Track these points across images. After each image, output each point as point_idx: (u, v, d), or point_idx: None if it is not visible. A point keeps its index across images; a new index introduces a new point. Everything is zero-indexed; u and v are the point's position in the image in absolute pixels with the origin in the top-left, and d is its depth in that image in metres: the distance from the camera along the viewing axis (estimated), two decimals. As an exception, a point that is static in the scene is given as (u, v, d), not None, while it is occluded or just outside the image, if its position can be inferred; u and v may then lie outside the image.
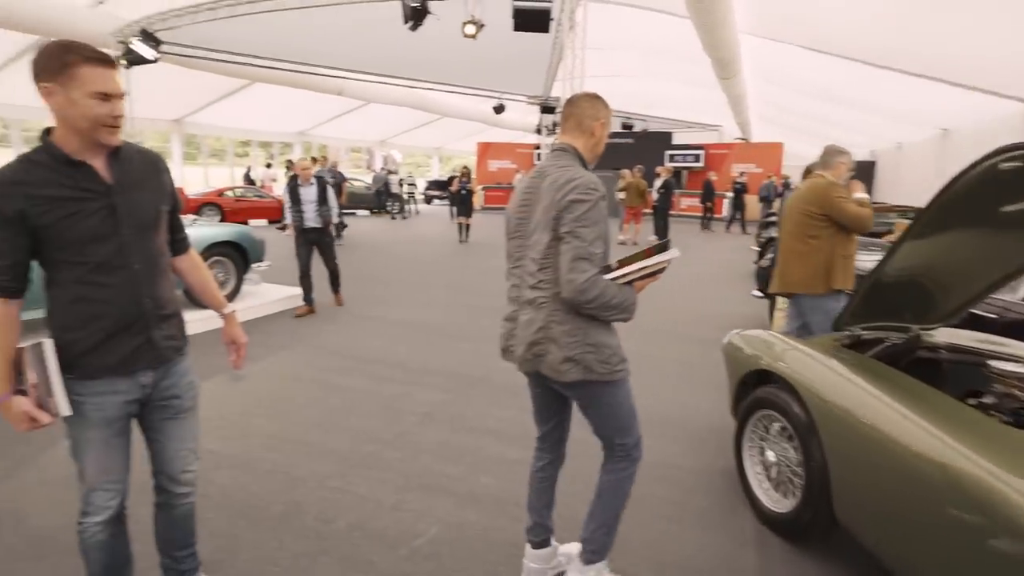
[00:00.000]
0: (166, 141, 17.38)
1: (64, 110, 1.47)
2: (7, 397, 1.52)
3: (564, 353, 1.86)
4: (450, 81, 14.32)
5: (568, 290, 1.78)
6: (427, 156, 32.73)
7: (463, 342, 5.40)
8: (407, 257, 10.68)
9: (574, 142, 1.98)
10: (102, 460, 1.68)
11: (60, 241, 1.51)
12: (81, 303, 1.57)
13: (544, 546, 2.23)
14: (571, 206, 1.79)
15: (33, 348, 1.53)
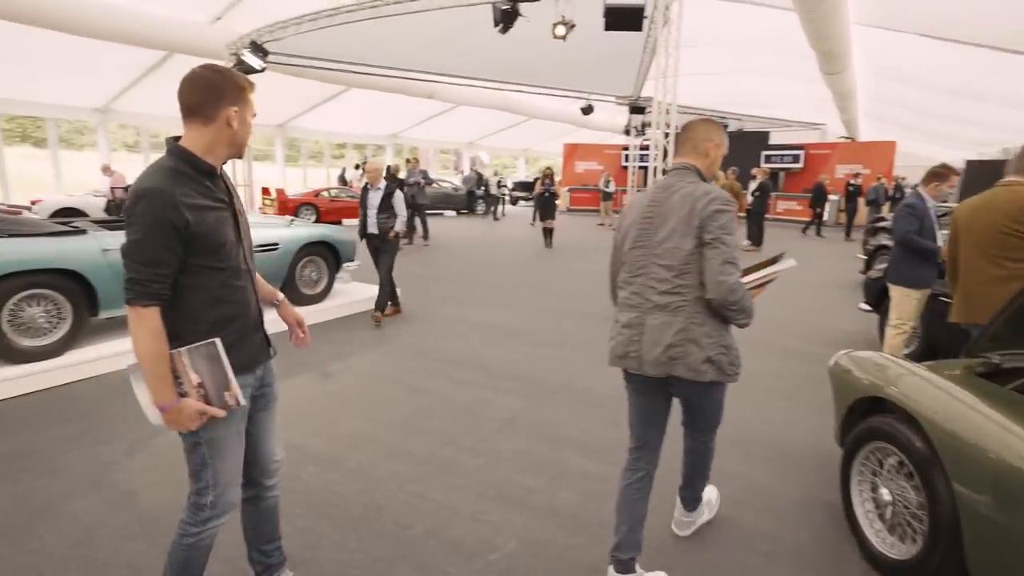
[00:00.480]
0: (270, 144, 18.56)
1: (237, 130, 1.64)
2: (178, 400, 1.58)
3: (705, 354, 2.00)
4: (538, 83, 14.28)
5: (720, 291, 1.94)
6: (514, 157, 32.96)
7: (545, 347, 5.33)
8: (491, 259, 10.75)
9: (694, 162, 2.17)
10: (238, 455, 1.78)
11: (207, 248, 1.60)
12: (221, 306, 1.66)
13: (630, 571, 2.18)
14: (715, 215, 1.98)
15: (197, 349, 1.60)
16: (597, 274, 9.23)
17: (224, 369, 1.62)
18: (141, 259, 1.50)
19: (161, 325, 1.55)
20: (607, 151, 22.78)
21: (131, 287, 1.51)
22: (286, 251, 5.82)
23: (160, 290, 1.54)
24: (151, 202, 1.50)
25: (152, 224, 1.50)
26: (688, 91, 15.68)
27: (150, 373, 1.54)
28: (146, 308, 1.52)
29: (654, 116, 6.91)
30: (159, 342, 1.54)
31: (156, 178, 1.53)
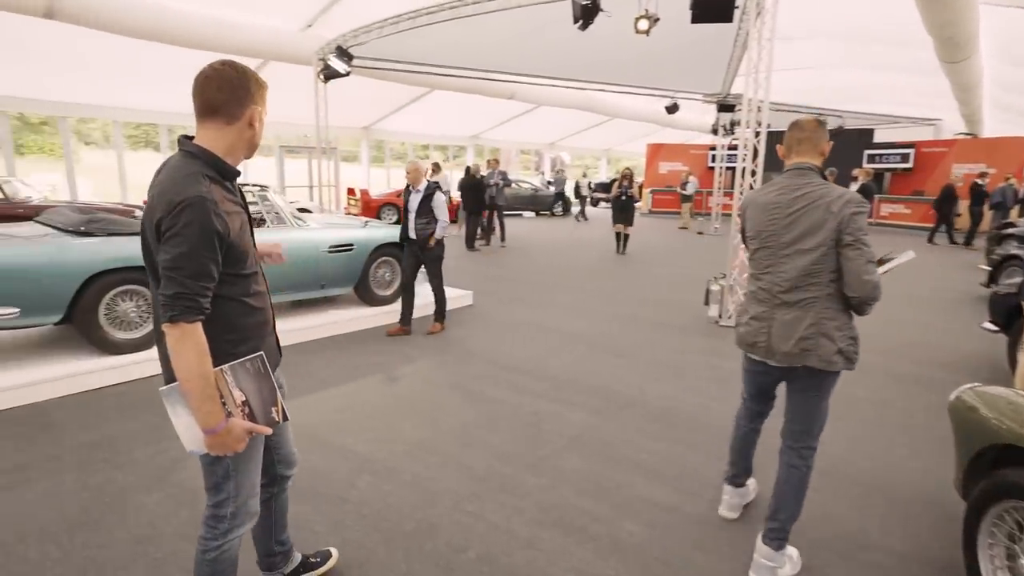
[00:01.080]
0: (356, 146, 19.22)
1: (258, 131, 1.59)
2: (227, 420, 1.49)
3: (837, 346, 2.14)
4: (621, 81, 13.89)
5: (865, 289, 2.06)
6: (595, 158, 32.47)
7: (616, 357, 5.06)
8: (567, 261, 10.53)
9: (812, 160, 2.25)
10: (260, 464, 1.74)
11: (236, 255, 1.53)
12: (251, 313, 1.62)
13: (742, 485, 2.70)
14: (853, 218, 2.08)
15: (243, 365, 1.53)
16: (676, 280, 8.84)
17: (272, 384, 1.57)
18: (189, 272, 1.40)
19: (205, 341, 1.44)
20: (693, 151, 21.91)
21: (176, 303, 1.40)
22: (361, 252, 5.88)
23: (206, 304, 1.45)
24: (196, 211, 1.40)
25: (199, 234, 1.41)
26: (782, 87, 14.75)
27: (198, 395, 1.44)
28: (191, 324, 1.42)
29: (744, 114, 6.43)
30: (207, 360, 1.44)
31: (194, 185, 1.43)
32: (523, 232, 15.15)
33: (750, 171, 6.34)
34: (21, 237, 4.20)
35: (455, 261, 10.17)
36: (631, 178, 11.10)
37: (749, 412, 2.65)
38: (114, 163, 14.39)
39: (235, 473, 1.65)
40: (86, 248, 4.21)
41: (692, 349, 5.36)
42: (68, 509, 2.67)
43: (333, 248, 5.65)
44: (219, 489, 1.66)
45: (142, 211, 1.72)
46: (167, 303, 1.40)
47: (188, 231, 1.39)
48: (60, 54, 10.56)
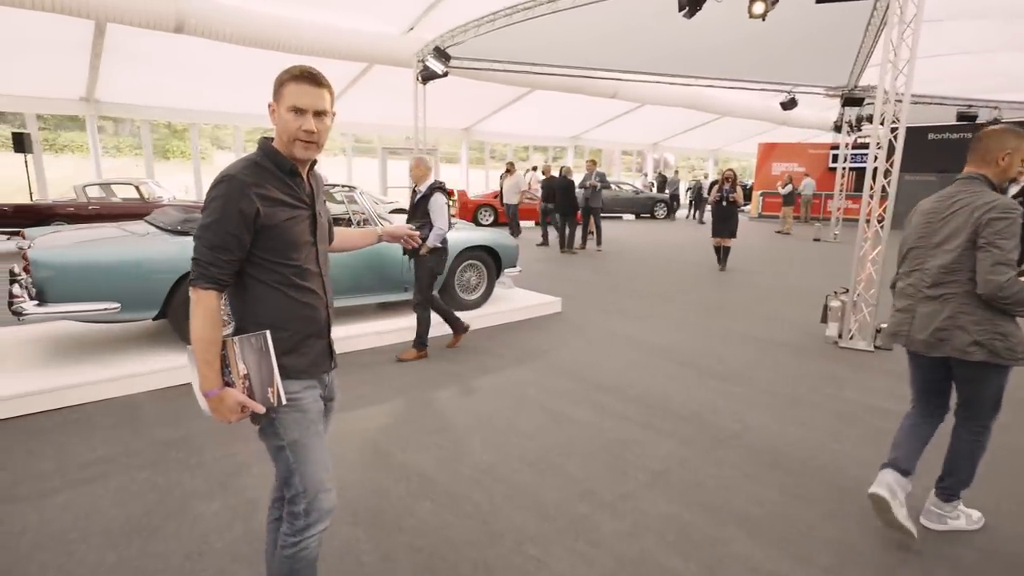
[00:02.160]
0: (456, 147, 19.48)
1: (277, 126, 1.60)
2: (221, 389, 1.54)
3: (972, 338, 2.31)
4: (730, 76, 12.94)
5: (989, 288, 2.23)
6: (702, 159, 30.98)
7: (717, 379, 4.52)
8: (665, 268, 9.90)
9: (981, 170, 2.41)
10: (324, 456, 1.71)
11: (277, 242, 1.58)
12: (287, 304, 1.62)
13: (906, 475, 2.53)
14: (991, 223, 2.25)
15: (248, 339, 1.56)
16: (788, 293, 7.98)
17: (271, 364, 1.57)
18: (207, 242, 1.51)
19: (217, 310, 1.53)
20: (811, 151, 20.17)
21: (194, 267, 1.52)
22: (448, 253, 5.72)
23: (219, 275, 1.52)
24: (226, 187, 1.51)
25: (222, 209, 1.50)
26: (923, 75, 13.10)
27: (199, 357, 1.52)
28: (204, 291, 1.51)
29: (877, 108, 5.61)
30: (212, 327, 1.52)
31: (237, 167, 1.55)
32: (622, 235, 14.57)
33: (883, 171, 5.51)
34: (125, 235, 4.41)
35: (546, 265, 9.89)
36: (734, 180, 9.48)
37: (914, 413, 2.69)
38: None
39: (296, 467, 1.65)
40: (180, 247, 4.35)
41: (807, 374, 4.70)
42: (133, 510, 2.65)
43: (418, 250, 5.54)
44: (289, 484, 1.68)
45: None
46: (192, 266, 1.53)
47: (215, 204, 1.51)
48: (190, 66, 11.46)
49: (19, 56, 10.29)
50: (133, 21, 8.29)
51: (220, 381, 1.55)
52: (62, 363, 4.22)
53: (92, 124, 12.52)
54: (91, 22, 9.41)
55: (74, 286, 3.97)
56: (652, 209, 19.88)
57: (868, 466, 3.09)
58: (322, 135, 1.60)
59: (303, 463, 1.66)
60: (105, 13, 7.98)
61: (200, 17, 8.71)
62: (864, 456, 3.30)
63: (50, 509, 2.66)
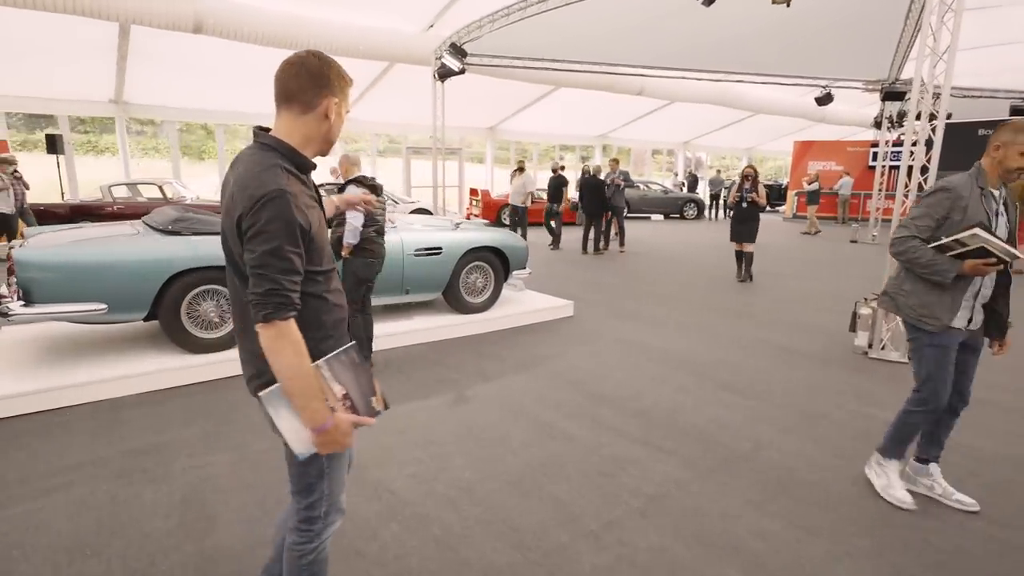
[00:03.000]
0: (482, 147, 19.30)
1: (333, 124, 1.51)
2: (332, 418, 1.42)
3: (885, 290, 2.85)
4: (761, 70, 12.45)
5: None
6: (736, 158, 30.16)
7: (731, 392, 4.20)
8: (689, 270, 9.52)
9: (982, 160, 2.57)
10: (345, 460, 1.67)
11: (316, 251, 1.48)
12: (332, 309, 1.56)
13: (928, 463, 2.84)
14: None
15: (337, 358, 1.49)
16: (816, 298, 7.52)
17: (368, 373, 1.53)
18: (279, 268, 1.36)
19: (302, 338, 1.39)
20: (850, 148, 19.33)
21: (268, 300, 1.35)
22: (449, 256, 5.53)
23: (297, 300, 1.40)
24: (279, 206, 1.36)
25: (284, 228, 1.36)
26: (978, 67, 12.31)
27: (302, 393, 1.39)
28: (285, 322, 1.37)
29: (913, 99, 5.18)
30: (306, 357, 1.39)
31: (274, 179, 1.38)
32: (647, 236, 14.17)
33: (919, 168, 5.08)
34: (114, 236, 4.33)
35: (565, 266, 9.62)
36: (754, 180, 8.51)
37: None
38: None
39: (329, 470, 1.59)
40: (169, 247, 4.24)
41: (831, 388, 4.33)
42: (85, 525, 2.51)
43: (419, 251, 5.35)
44: (312, 490, 1.60)
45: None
46: (258, 302, 1.36)
47: (272, 227, 1.35)
48: (215, 67, 11.56)
49: (50, 59, 10.52)
50: (152, 22, 8.35)
51: (328, 411, 1.42)
52: (53, 364, 4.16)
53: (121, 125, 12.76)
54: (115, 24, 9.53)
55: (59, 287, 3.90)
56: (681, 209, 19.38)
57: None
58: None
59: (335, 468, 1.61)
60: (124, 14, 8.05)
61: (218, 17, 8.73)
62: (888, 484, 2.96)
63: (1, 522, 2.54)
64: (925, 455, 2.87)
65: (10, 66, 10.61)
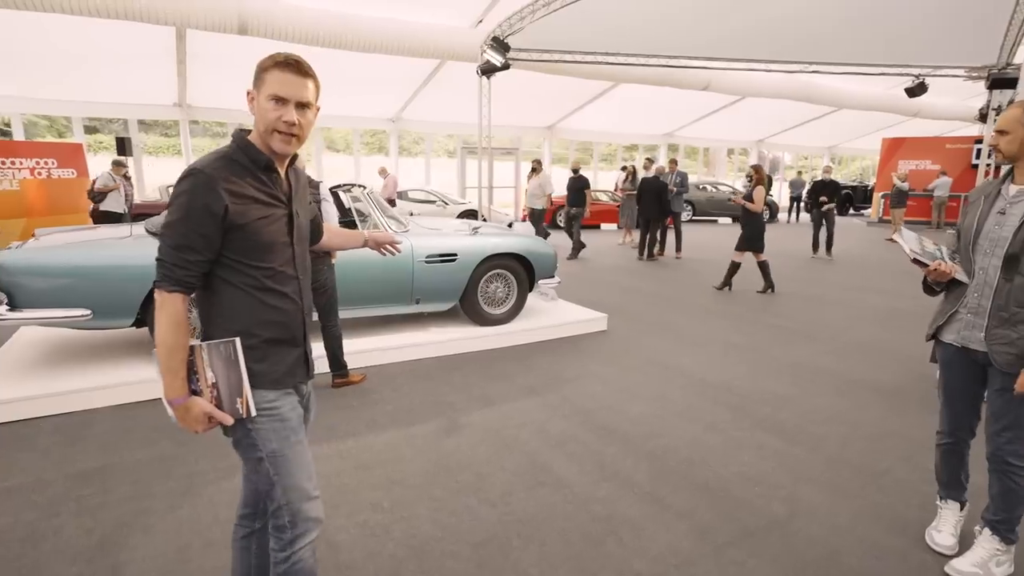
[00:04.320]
0: (538, 146, 18.76)
1: (254, 115, 1.49)
2: (186, 398, 1.47)
3: None
4: (842, 60, 11.24)
5: None
6: (818, 157, 28.12)
7: (772, 434, 3.51)
8: (748, 279, 8.63)
9: None
10: (306, 466, 1.61)
11: (247, 243, 1.47)
12: (258, 309, 1.53)
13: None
14: None
15: (217, 346, 1.48)
16: (896, 315, 6.51)
17: (240, 373, 1.50)
18: (172, 241, 1.42)
19: (183, 314, 1.44)
20: (949, 145, 17.41)
21: (159, 268, 1.43)
22: (465, 263, 5.08)
23: (185, 277, 1.43)
24: (193, 182, 1.41)
25: (188, 205, 1.41)
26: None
27: (163, 363, 1.44)
28: (169, 294, 1.43)
29: (1021, 85, 4.25)
30: (178, 332, 1.43)
31: (205, 160, 1.45)
32: (710, 241, 13.22)
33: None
34: (103, 240, 4.18)
35: (612, 272, 8.98)
36: (756, 179, 7.52)
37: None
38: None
39: (277, 479, 1.56)
40: (158, 251, 4.03)
41: (901, 435, 3.55)
42: (-16, 568, 2.24)
43: (431, 258, 4.94)
44: (270, 497, 1.58)
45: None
46: (156, 268, 1.44)
47: (180, 200, 1.41)
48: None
49: (117, 65, 10.95)
50: (199, 24, 8.42)
51: (186, 389, 1.47)
52: (36, 371, 4.04)
53: (184, 128, 13.22)
54: (172, 29, 9.75)
55: (41, 291, 3.76)
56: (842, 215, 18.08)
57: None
58: (304, 128, 1.49)
59: (284, 474, 1.56)
60: (170, 17, 8.14)
61: (261, 18, 8.70)
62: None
63: (-97, 556, 2.31)
64: (942, 491, 2.53)
65: (83, 73, 11.15)
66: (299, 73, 1.46)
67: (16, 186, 10.73)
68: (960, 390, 2.34)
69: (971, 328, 2.21)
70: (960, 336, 2.26)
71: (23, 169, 10.75)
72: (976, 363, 2.24)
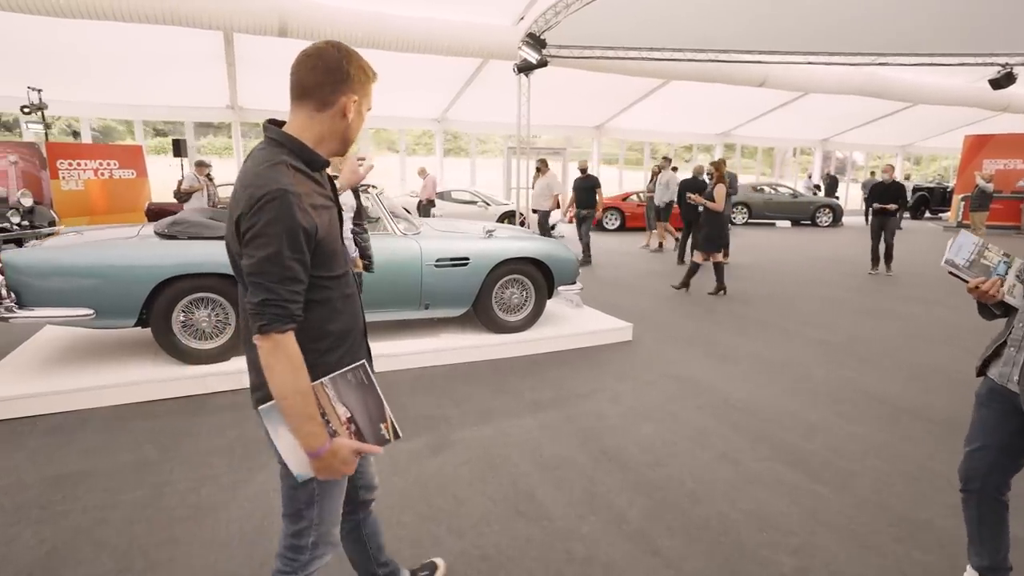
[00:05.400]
0: (588, 146, 18.37)
1: (352, 123, 1.40)
2: (330, 443, 1.33)
3: None
4: (914, 50, 10.35)
5: None
6: (892, 156, 26.36)
7: (795, 469, 3.10)
8: (803, 288, 8.01)
9: None
10: (344, 488, 1.55)
11: (323, 255, 1.36)
12: (340, 318, 1.45)
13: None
14: None
15: (344, 376, 1.38)
16: (966, 332, 5.83)
17: (378, 397, 1.41)
18: (277, 275, 1.25)
19: (300, 354, 1.29)
20: (1042, 142, 15.85)
21: (265, 311, 1.25)
22: (478, 267, 4.87)
23: (297, 311, 1.30)
24: (280, 207, 1.23)
25: (285, 232, 1.24)
26: None
27: (296, 414, 1.29)
28: (283, 335, 1.27)
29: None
30: (304, 373, 1.30)
31: (279, 177, 1.26)
32: (763, 246, 12.50)
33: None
34: (106, 240, 4.20)
35: (647, 277, 8.55)
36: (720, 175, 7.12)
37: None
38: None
39: (319, 499, 1.48)
40: (160, 252, 4.01)
41: (953, 476, 3.06)
42: (-70, 576, 2.19)
43: (442, 262, 4.75)
44: (300, 516, 1.49)
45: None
46: (255, 312, 1.26)
47: (272, 230, 1.24)
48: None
49: (171, 70, 11.39)
50: (240, 27, 8.58)
51: (326, 435, 1.33)
52: (53, 369, 4.10)
53: (236, 130, 13.64)
54: (220, 33, 10.02)
55: (47, 290, 3.79)
56: (813, 215, 17.08)
57: None
58: None
59: (327, 496, 1.49)
60: (213, 21, 8.32)
61: (301, 19, 8.78)
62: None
63: None
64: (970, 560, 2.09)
65: (141, 78, 11.66)
66: None
67: (81, 186, 11.34)
68: (991, 430, 1.94)
69: (1011, 364, 1.81)
70: (999, 372, 1.86)
71: (87, 170, 11.36)
72: (1016, 408, 1.83)
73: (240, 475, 2.96)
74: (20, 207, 9.66)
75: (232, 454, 3.17)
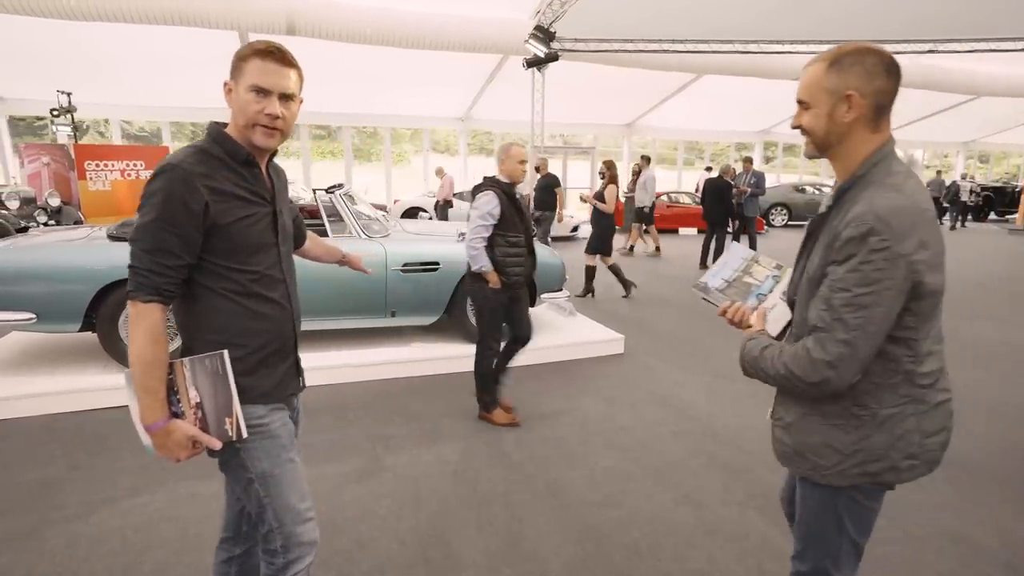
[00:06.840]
0: (617, 145, 17.77)
1: (232, 108, 1.37)
2: (167, 421, 1.32)
3: None
4: (973, 35, 9.43)
5: None
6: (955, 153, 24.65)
7: (764, 515, 2.63)
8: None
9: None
10: (300, 484, 1.49)
11: (230, 245, 1.35)
12: (247, 318, 1.39)
13: None
14: None
15: (202, 361, 1.34)
16: (1007, 352, 5.08)
17: (229, 390, 1.35)
18: (146, 245, 1.27)
19: (162, 328, 1.30)
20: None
21: (132, 277, 1.28)
22: (449, 273, 4.53)
23: (163, 284, 1.28)
24: (166, 180, 1.27)
25: (163, 204, 1.26)
26: None
27: (139, 382, 1.29)
28: (146, 304, 1.27)
29: None
30: (155, 347, 1.29)
31: (180, 155, 1.31)
32: (795, 247, 11.66)
33: None
34: (49, 242, 4.06)
35: (662, 282, 8.02)
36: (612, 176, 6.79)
37: None
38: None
39: (269, 501, 1.43)
40: (107, 254, 3.84)
41: (969, 538, 2.53)
42: None
43: (409, 266, 4.43)
44: (262, 520, 1.45)
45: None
46: (129, 277, 1.29)
47: (153, 200, 1.27)
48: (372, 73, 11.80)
49: (193, 72, 11.51)
50: (248, 26, 8.53)
51: (166, 411, 1.33)
52: (25, 372, 4.00)
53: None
54: (235, 34, 10.01)
55: (-14, 294, 3.67)
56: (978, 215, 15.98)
57: None
58: (288, 121, 1.38)
59: (276, 496, 1.44)
60: (221, 20, 8.29)
61: (308, 18, 8.66)
62: None
63: None
64: None
65: (167, 80, 11.85)
66: (282, 62, 1.34)
67: (108, 187, 11.61)
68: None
69: None
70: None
71: (114, 171, 11.62)
72: None
73: (141, 499, 2.71)
74: (48, 207, 9.94)
75: (146, 473, 2.92)
